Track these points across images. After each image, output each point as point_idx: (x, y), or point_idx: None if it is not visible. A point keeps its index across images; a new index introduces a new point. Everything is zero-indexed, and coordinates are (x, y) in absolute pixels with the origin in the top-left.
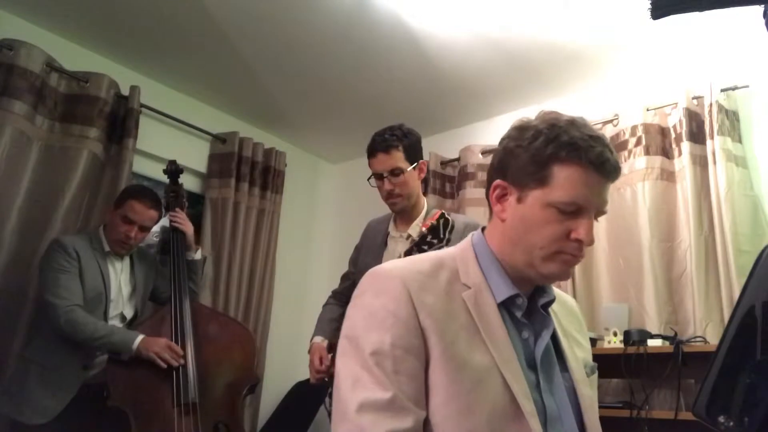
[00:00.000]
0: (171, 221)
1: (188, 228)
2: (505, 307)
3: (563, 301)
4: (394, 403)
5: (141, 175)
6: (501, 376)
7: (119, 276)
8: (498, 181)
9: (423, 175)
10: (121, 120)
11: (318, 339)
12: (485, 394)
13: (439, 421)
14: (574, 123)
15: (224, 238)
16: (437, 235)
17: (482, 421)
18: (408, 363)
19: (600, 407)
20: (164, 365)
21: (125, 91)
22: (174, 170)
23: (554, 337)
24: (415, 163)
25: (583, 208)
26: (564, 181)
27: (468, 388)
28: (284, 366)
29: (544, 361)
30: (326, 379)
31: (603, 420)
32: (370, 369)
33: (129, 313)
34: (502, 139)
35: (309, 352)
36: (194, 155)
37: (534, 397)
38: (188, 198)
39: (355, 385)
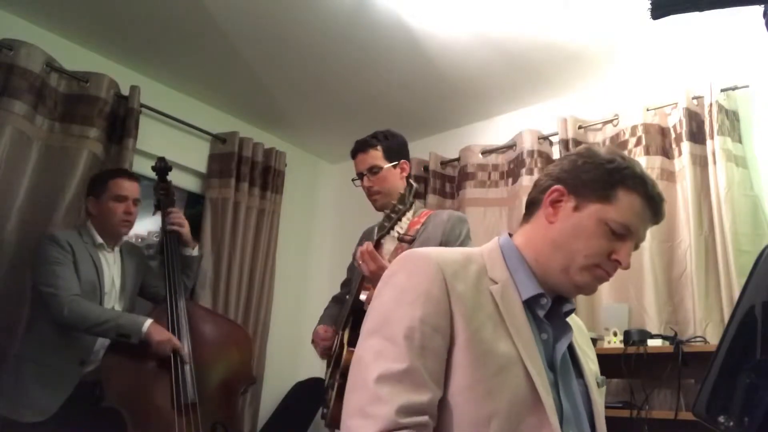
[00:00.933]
0: (169, 222)
1: (185, 226)
2: (529, 306)
3: (575, 320)
4: (413, 376)
5: (141, 175)
6: (524, 367)
7: (111, 269)
8: (558, 186)
9: (405, 175)
10: (121, 120)
11: (320, 326)
12: (507, 382)
13: (460, 401)
14: (640, 165)
15: (224, 238)
16: (403, 201)
17: (503, 407)
18: (434, 341)
19: None
20: (163, 355)
21: (125, 91)
22: (163, 167)
23: (570, 346)
24: (396, 162)
25: (631, 234)
26: (625, 204)
27: (491, 373)
28: (284, 366)
29: (562, 364)
30: (330, 354)
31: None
32: (395, 342)
33: (121, 309)
34: (567, 155)
35: (312, 340)
36: (194, 155)
37: (552, 395)
38: (188, 198)
39: (378, 357)
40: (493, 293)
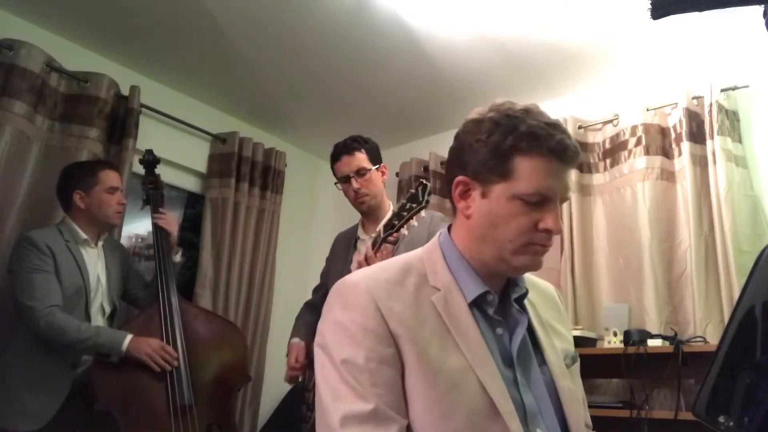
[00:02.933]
0: (154, 218)
1: (173, 227)
2: (477, 305)
3: (540, 289)
4: (377, 413)
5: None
6: (476, 377)
7: (96, 265)
8: (460, 177)
9: (385, 178)
10: (121, 120)
11: (295, 340)
12: (462, 397)
13: (419, 427)
14: (529, 112)
15: (224, 238)
16: (416, 200)
17: (463, 424)
18: (384, 374)
19: (600, 407)
20: (157, 368)
21: (125, 91)
22: (151, 160)
23: (531, 330)
24: (378, 165)
25: (549, 198)
26: (527, 172)
27: (444, 392)
28: (284, 366)
29: (521, 356)
30: (300, 379)
31: (603, 420)
32: (347, 382)
33: (108, 307)
34: (458, 134)
35: (287, 353)
36: (194, 155)
37: (512, 394)
38: (188, 198)
39: (336, 398)
40: (435, 303)
